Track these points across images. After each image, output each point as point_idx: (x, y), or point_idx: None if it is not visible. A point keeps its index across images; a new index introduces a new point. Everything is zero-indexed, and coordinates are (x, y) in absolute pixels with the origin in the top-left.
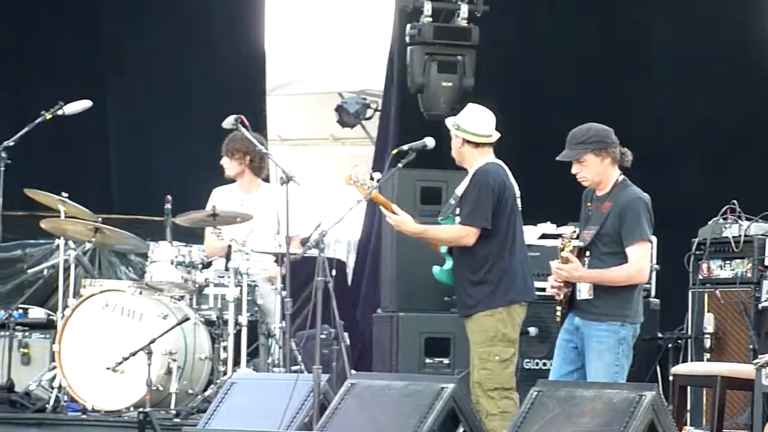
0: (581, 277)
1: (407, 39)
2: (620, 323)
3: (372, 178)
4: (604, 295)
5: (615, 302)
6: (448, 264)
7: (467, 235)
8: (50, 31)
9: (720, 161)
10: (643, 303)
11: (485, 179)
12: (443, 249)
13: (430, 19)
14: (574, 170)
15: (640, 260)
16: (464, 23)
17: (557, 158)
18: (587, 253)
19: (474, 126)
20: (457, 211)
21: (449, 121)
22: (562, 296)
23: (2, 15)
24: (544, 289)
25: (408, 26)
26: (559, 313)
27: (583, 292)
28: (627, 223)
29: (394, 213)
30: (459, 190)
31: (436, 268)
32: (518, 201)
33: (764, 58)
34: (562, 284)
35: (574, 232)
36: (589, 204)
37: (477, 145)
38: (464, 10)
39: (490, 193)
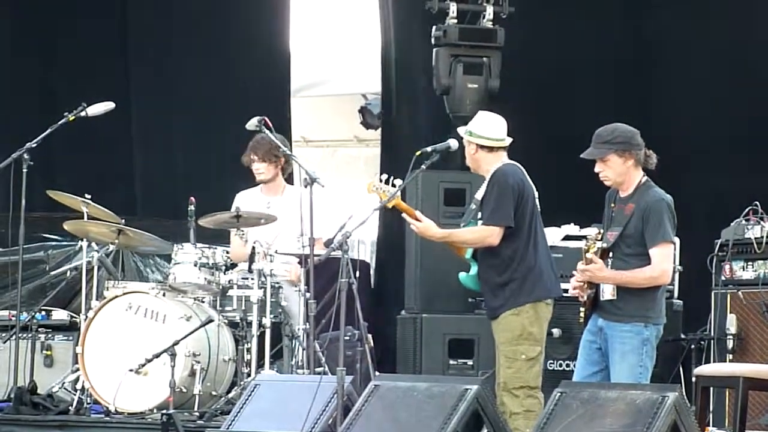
0: (605, 277)
1: (432, 41)
2: (644, 324)
3: (393, 185)
4: (627, 296)
5: (638, 303)
6: (474, 270)
7: (491, 234)
8: (76, 32)
9: (742, 162)
10: (666, 304)
11: (504, 179)
12: (468, 254)
13: (456, 21)
14: (597, 169)
15: (663, 262)
16: (490, 25)
17: (581, 156)
18: (610, 254)
19: (487, 131)
20: (479, 215)
21: (461, 130)
22: (585, 297)
23: (28, 16)
24: (567, 290)
25: (433, 28)
26: (582, 314)
27: (607, 292)
28: (650, 224)
29: (417, 220)
30: (479, 195)
31: (462, 275)
32: (537, 201)
33: None
34: (584, 284)
35: (599, 233)
36: (612, 205)
37: (491, 149)
38: (489, 11)
39: (510, 193)
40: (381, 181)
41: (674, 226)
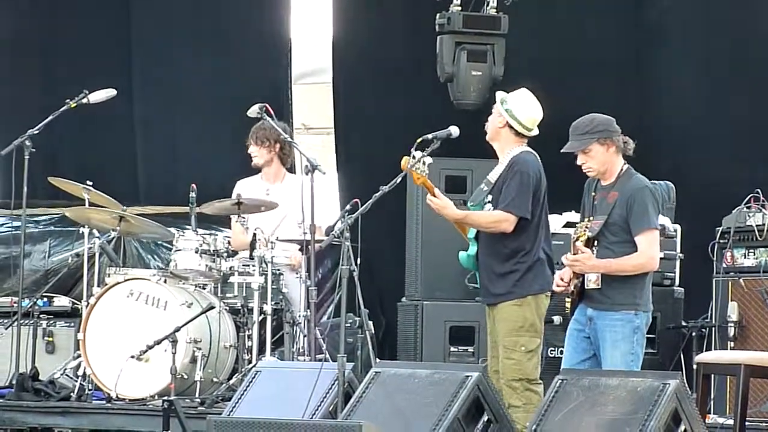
0: (594, 266)
1: (436, 28)
2: (634, 312)
3: (423, 163)
4: (614, 284)
5: (627, 291)
6: (472, 249)
7: (507, 220)
8: (77, 18)
9: (744, 150)
10: (667, 291)
11: (526, 169)
12: (471, 234)
13: (460, 8)
14: (579, 161)
15: (650, 248)
16: (494, 12)
17: (562, 150)
18: (596, 243)
19: (523, 114)
20: (488, 198)
21: (499, 96)
22: (572, 287)
23: (30, 3)
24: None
25: (437, 15)
26: (568, 304)
27: (591, 281)
28: (634, 212)
29: (435, 197)
30: (492, 176)
31: (462, 253)
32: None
33: None
34: (567, 284)
35: (589, 220)
36: (593, 193)
37: (518, 133)
38: None
39: (531, 184)
40: (415, 158)
41: (658, 212)
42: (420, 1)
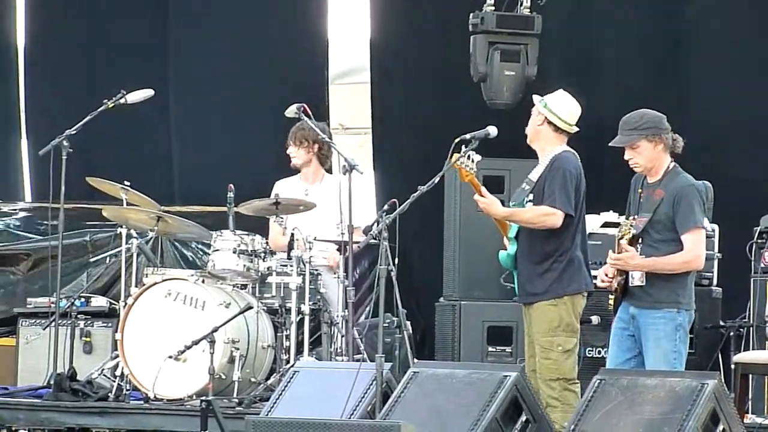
0: (637, 265)
1: (470, 28)
2: (677, 310)
3: (472, 160)
4: (657, 282)
5: (669, 289)
6: (512, 249)
7: (554, 215)
8: (115, 17)
9: None
10: (705, 291)
11: (568, 166)
12: (511, 233)
13: (493, 8)
14: (627, 156)
15: (697, 247)
16: (527, 12)
17: (610, 144)
18: (640, 240)
19: (563, 111)
20: (530, 197)
21: (537, 98)
22: (615, 285)
23: (70, 4)
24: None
25: (471, 15)
26: (612, 301)
27: (636, 278)
28: (680, 210)
29: (482, 195)
30: (533, 176)
31: (502, 253)
32: None
33: None
34: (612, 279)
35: (634, 218)
36: (639, 190)
37: (557, 129)
38: None
39: (573, 182)
40: (465, 156)
41: (704, 211)
42: (456, 1)
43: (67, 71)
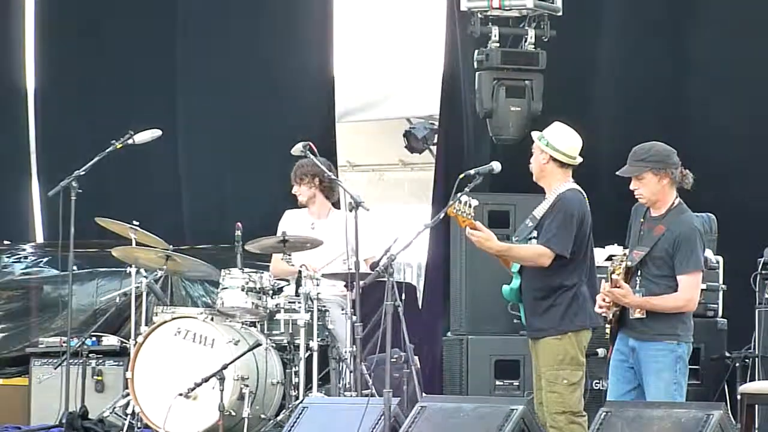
0: (630, 303)
1: (475, 64)
2: (676, 342)
3: (469, 206)
4: (656, 314)
5: (669, 322)
6: (516, 283)
7: (545, 255)
8: (123, 57)
9: None
10: (710, 323)
11: (570, 208)
12: (514, 268)
13: (498, 45)
14: (632, 186)
15: (691, 290)
16: (532, 48)
17: (617, 173)
18: (639, 273)
19: (564, 145)
20: (534, 233)
21: (536, 135)
22: (611, 315)
23: (82, 44)
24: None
25: (476, 52)
26: (608, 332)
27: (636, 311)
28: (681, 251)
29: (477, 230)
30: (538, 213)
31: (505, 287)
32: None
33: None
34: (611, 304)
35: (625, 254)
36: (641, 220)
37: (562, 164)
38: (531, 35)
39: (574, 223)
40: (461, 203)
41: (704, 249)
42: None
43: (76, 112)
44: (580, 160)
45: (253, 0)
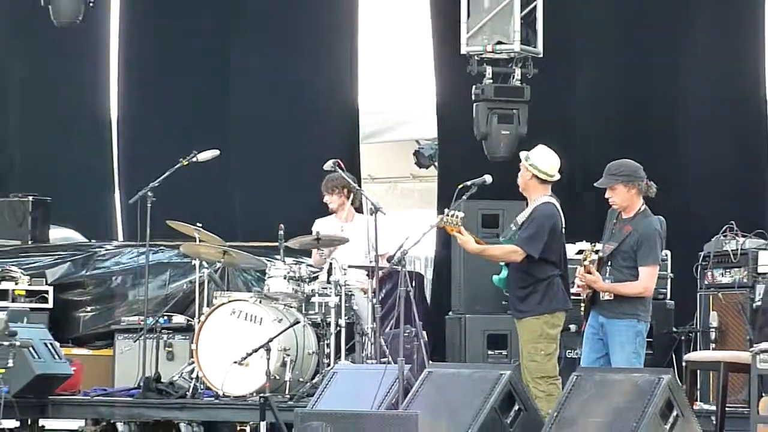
0: (600, 287)
1: (473, 97)
2: (637, 320)
3: (457, 217)
4: (622, 298)
5: (631, 304)
6: (504, 273)
7: (516, 252)
8: (186, 92)
9: (723, 190)
10: (661, 304)
11: (543, 218)
12: (502, 262)
13: (491, 81)
14: (607, 195)
15: (648, 280)
16: (518, 83)
17: (595, 184)
18: (609, 263)
19: (545, 165)
20: (517, 235)
21: (523, 155)
22: (585, 296)
23: (155, 80)
24: (579, 294)
25: (473, 87)
26: (583, 309)
27: (605, 293)
28: (643, 248)
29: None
30: (520, 218)
31: (495, 277)
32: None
33: (756, 96)
34: (585, 285)
35: (593, 246)
36: (614, 221)
37: (542, 181)
38: (518, 73)
39: (545, 231)
40: (449, 215)
41: (663, 247)
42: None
43: (149, 137)
44: (558, 177)
45: (295, 47)
